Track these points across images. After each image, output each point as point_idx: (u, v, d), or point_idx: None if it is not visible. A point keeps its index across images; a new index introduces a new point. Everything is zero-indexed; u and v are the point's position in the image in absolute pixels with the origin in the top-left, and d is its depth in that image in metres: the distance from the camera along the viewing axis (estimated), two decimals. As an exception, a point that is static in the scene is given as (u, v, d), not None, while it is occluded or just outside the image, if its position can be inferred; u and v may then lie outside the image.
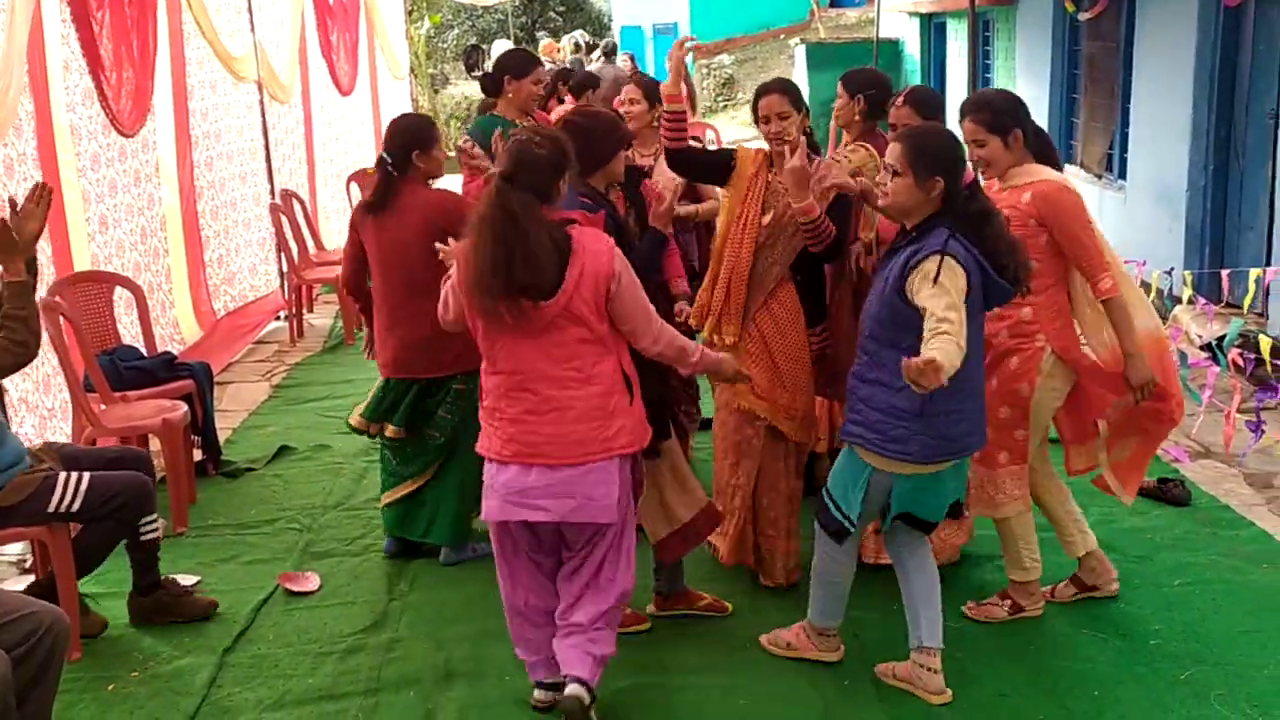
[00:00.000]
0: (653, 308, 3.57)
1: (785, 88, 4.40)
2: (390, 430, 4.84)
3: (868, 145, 4.73)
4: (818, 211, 4.11)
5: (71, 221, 6.26)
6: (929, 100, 4.61)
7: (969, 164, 3.75)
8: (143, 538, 4.35)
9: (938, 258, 3.40)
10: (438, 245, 3.82)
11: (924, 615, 3.82)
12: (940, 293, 3.36)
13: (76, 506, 4.14)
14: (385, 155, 4.64)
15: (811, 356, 4.44)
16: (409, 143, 4.62)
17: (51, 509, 4.10)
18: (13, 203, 3.95)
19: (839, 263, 4.44)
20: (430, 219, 4.50)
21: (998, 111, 4.04)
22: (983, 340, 3.72)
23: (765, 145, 4.44)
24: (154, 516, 4.37)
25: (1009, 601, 4.28)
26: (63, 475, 4.16)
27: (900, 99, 4.56)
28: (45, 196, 3.93)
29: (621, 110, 5.42)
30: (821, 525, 3.83)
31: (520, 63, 5.39)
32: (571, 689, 3.59)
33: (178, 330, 7.69)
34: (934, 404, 3.46)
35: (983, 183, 3.83)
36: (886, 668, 3.94)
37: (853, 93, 4.81)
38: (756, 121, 4.43)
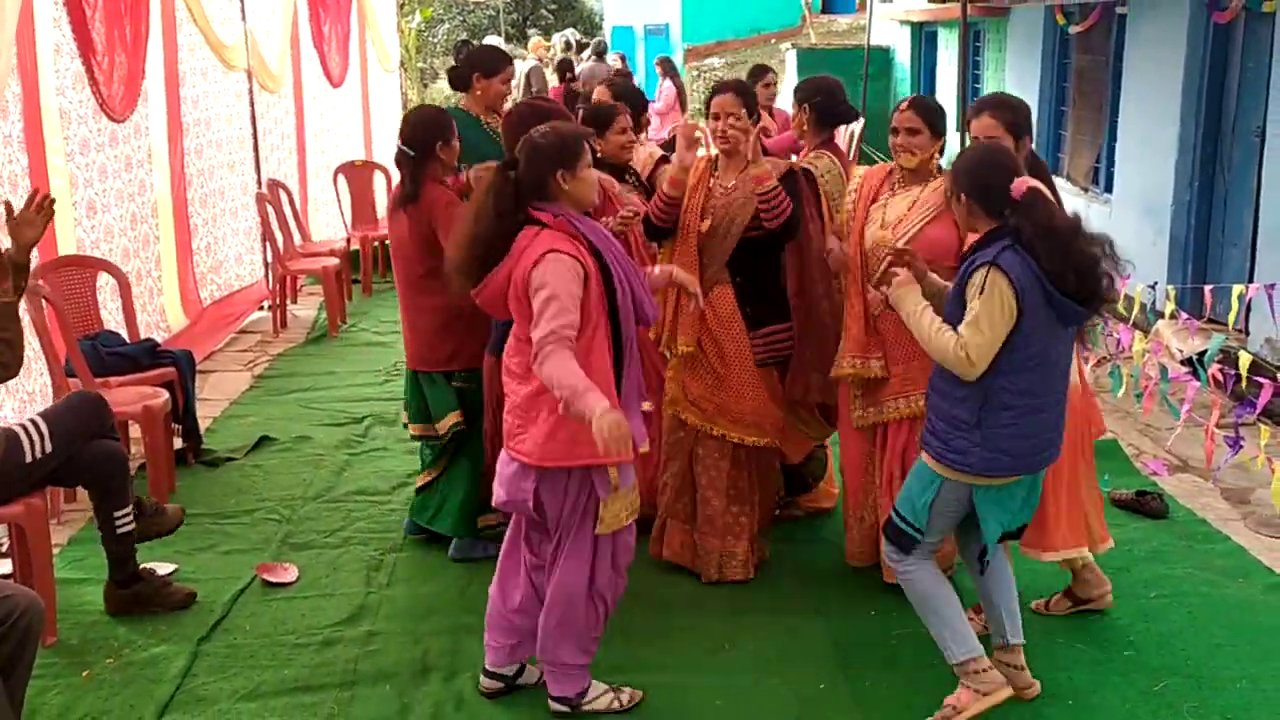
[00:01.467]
0: (552, 324, 3.33)
1: (739, 89, 4.46)
2: (404, 419, 4.98)
3: (828, 153, 4.83)
4: (773, 180, 4.21)
5: (57, 205, 6.19)
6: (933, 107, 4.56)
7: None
8: (118, 530, 4.34)
9: (986, 269, 3.38)
10: None
11: (1005, 611, 3.81)
12: (974, 306, 3.37)
13: (49, 446, 4.12)
14: (407, 148, 4.60)
15: (767, 357, 4.50)
16: (432, 134, 4.60)
17: (29, 459, 4.08)
18: (9, 208, 3.93)
19: (798, 251, 4.47)
20: (424, 216, 4.54)
21: (1019, 115, 4.09)
22: (1068, 357, 3.59)
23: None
24: (128, 508, 4.35)
25: (1071, 595, 4.37)
26: (15, 425, 4.15)
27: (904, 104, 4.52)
28: (47, 207, 3.89)
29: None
30: (885, 534, 3.79)
31: (491, 61, 5.34)
32: (553, 707, 3.80)
33: (164, 318, 7.65)
34: (991, 416, 3.45)
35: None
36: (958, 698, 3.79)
37: (800, 101, 4.88)
38: (707, 117, 4.50)
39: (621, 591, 3.81)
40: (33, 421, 4.16)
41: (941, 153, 4.28)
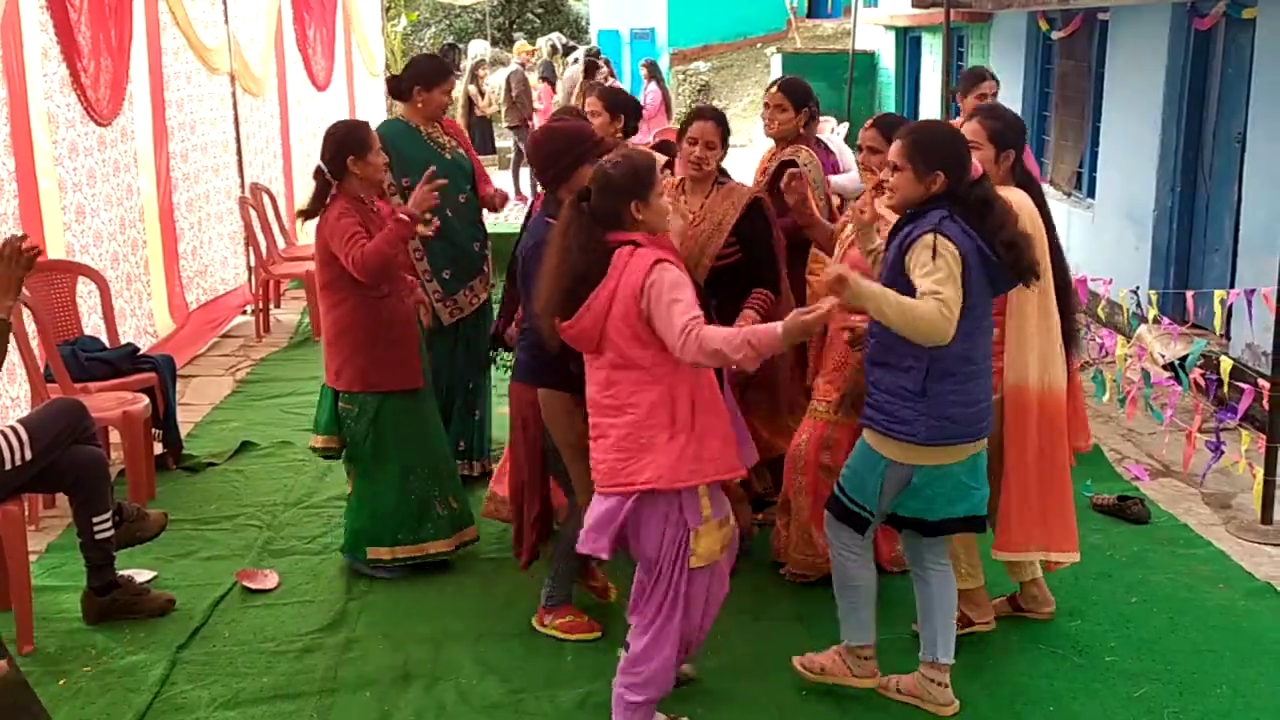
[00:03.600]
0: (686, 316, 3.31)
1: (719, 119, 4.48)
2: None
3: (808, 149, 5.01)
4: (754, 366, 3.74)
5: (46, 210, 6.18)
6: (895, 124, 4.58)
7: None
8: (96, 536, 4.31)
9: (932, 235, 3.42)
10: None
11: (940, 629, 3.80)
12: (933, 269, 3.38)
13: (29, 453, 4.09)
14: (321, 165, 4.63)
15: (738, 378, 4.54)
16: (344, 149, 4.57)
17: (8, 465, 4.05)
18: (23, 238, 3.89)
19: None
20: (322, 229, 4.58)
21: (1008, 126, 4.09)
22: (991, 325, 3.69)
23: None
24: (107, 514, 4.32)
25: (956, 614, 4.27)
26: None
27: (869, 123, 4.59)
28: (28, 257, 3.82)
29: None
30: (835, 515, 3.78)
31: (430, 74, 5.30)
32: None
33: (152, 322, 7.62)
34: (936, 385, 3.50)
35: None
36: (889, 681, 3.90)
37: (799, 105, 5.02)
38: (681, 139, 4.51)
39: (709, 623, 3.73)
40: (12, 428, 4.13)
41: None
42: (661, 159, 5.41)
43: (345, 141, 4.58)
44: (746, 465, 3.57)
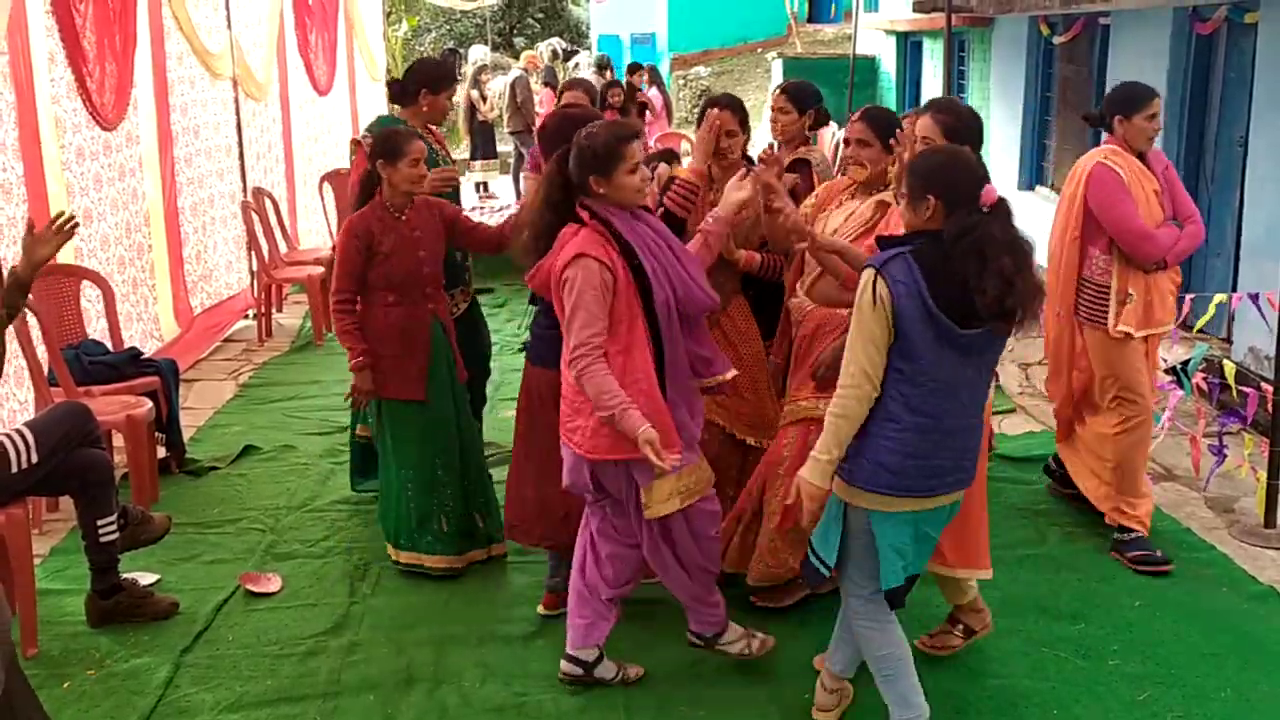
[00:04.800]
0: (585, 332, 3.50)
1: (735, 105, 4.47)
2: None
3: (818, 148, 5.05)
4: (757, 262, 4.29)
5: (55, 215, 6.18)
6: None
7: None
8: (100, 539, 4.31)
9: (871, 274, 3.22)
10: None
11: (844, 644, 3.73)
12: (858, 327, 3.24)
13: (35, 456, 4.10)
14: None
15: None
16: (373, 154, 4.60)
17: (14, 469, 4.06)
18: (31, 225, 3.92)
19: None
20: None
21: (963, 123, 4.04)
22: (975, 386, 3.38)
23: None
24: (112, 517, 4.33)
25: (960, 625, 4.21)
26: (1, 435, 4.12)
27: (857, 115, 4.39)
28: (68, 229, 3.88)
29: None
30: (804, 572, 3.69)
31: (437, 78, 5.29)
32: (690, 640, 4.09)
33: (158, 327, 7.63)
34: (876, 426, 3.30)
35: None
36: (820, 660, 3.90)
37: (802, 108, 4.95)
38: (698, 126, 4.52)
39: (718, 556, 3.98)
40: (19, 431, 4.14)
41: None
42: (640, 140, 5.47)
43: (380, 147, 4.60)
44: (687, 449, 3.65)
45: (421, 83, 5.27)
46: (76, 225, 3.97)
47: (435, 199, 4.81)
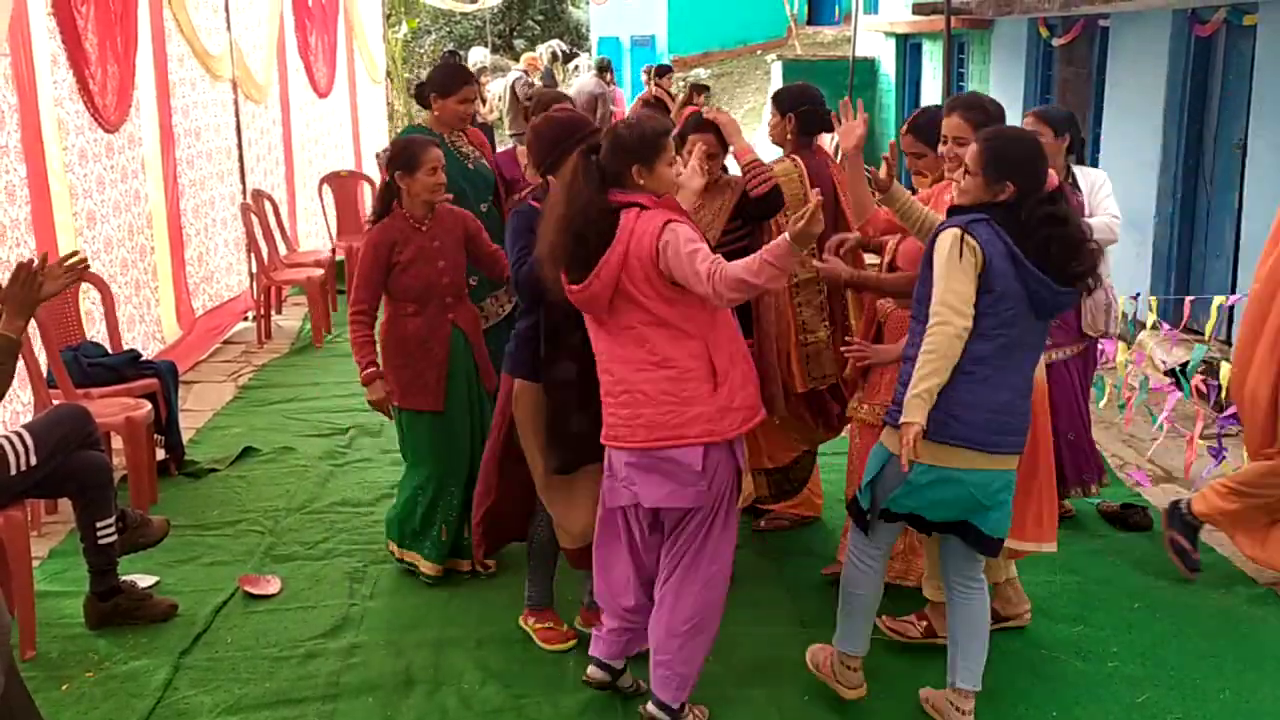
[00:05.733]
0: (706, 261, 3.34)
1: (715, 129, 4.45)
2: None
3: (794, 156, 4.85)
4: (751, 153, 4.41)
5: (58, 216, 6.20)
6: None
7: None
8: (99, 541, 4.31)
9: (957, 232, 3.39)
10: None
11: (960, 654, 3.71)
12: (947, 273, 3.38)
13: (34, 458, 4.09)
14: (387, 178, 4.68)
15: None
16: (390, 165, 4.61)
17: (13, 470, 4.06)
18: (44, 259, 3.88)
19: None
20: None
21: (992, 117, 4.04)
22: (1036, 349, 3.61)
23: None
24: (110, 519, 4.33)
25: (925, 623, 4.22)
26: (0, 438, 4.12)
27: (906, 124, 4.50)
28: (78, 270, 3.79)
29: None
30: (849, 509, 3.85)
31: (445, 83, 5.23)
32: (649, 708, 3.72)
33: (160, 329, 7.63)
34: (949, 378, 3.42)
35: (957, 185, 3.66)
36: (929, 694, 3.86)
37: (784, 111, 4.86)
38: (680, 152, 4.52)
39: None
40: (18, 434, 4.14)
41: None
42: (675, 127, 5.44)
43: (395, 157, 4.59)
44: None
45: (432, 87, 5.28)
46: (87, 266, 3.89)
47: (459, 209, 4.75)
